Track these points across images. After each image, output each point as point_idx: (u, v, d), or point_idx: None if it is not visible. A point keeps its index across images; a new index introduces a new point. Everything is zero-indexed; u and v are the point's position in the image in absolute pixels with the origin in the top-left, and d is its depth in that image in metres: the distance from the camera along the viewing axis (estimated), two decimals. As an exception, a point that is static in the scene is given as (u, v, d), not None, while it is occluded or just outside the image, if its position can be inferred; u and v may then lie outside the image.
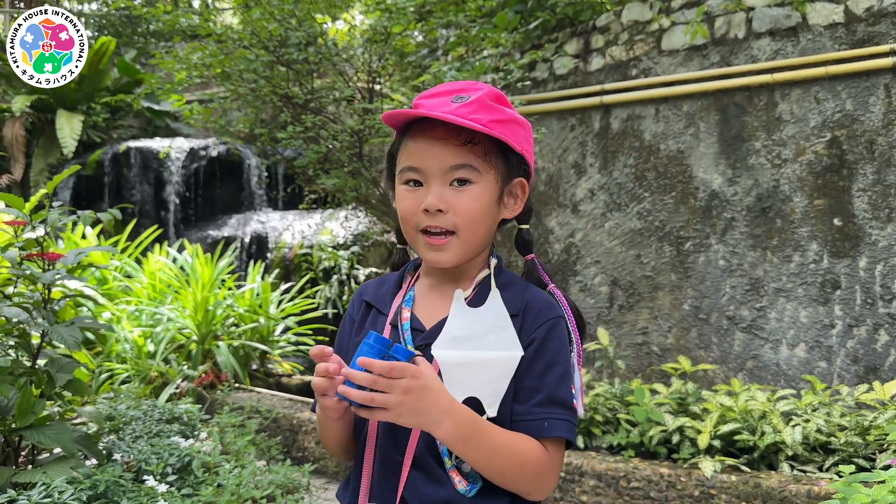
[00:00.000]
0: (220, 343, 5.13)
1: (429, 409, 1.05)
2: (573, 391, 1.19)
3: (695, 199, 4.58)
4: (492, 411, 1.13)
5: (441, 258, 1.20)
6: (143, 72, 9.82)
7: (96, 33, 12.12)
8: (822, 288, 4.11)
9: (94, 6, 13.34)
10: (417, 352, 1.11)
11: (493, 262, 1.26)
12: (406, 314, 1.25)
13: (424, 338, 1.21)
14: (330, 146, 4.34)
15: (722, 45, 4.55)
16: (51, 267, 2.32)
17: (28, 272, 2.22)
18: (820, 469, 2.89)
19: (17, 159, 8.99)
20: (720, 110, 4.52)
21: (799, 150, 4.24)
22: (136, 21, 11.47)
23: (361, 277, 7.60)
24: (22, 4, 15.11)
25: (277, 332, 5.91)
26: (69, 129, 8.69)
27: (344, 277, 7.62)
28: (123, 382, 4.81)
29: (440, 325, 1.21)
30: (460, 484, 1.14)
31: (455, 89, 1.21)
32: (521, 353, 1.15)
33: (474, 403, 1.13)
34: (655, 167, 4.76)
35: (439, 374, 1.14)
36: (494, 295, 1.21)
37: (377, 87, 4.89)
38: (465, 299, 1.21)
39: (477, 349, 1.15)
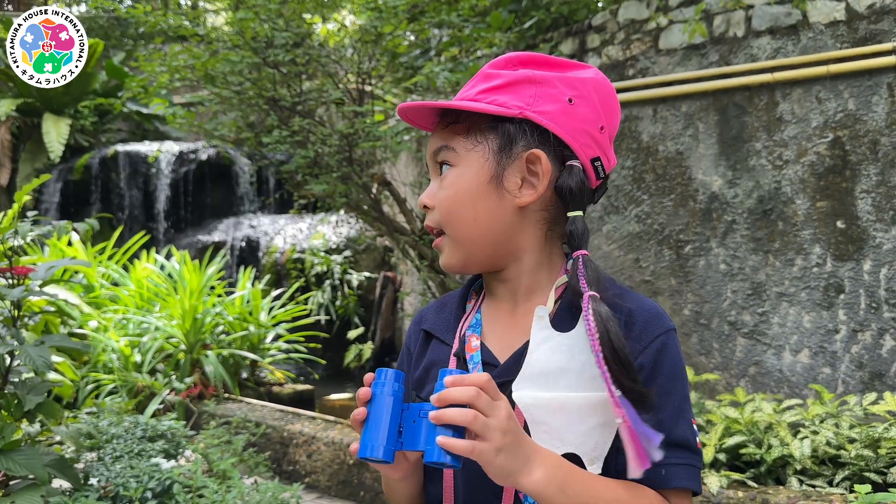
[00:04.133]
0: (209, 352, 5.01)
1: (524, 445, 0.83)
2: (694, 426, 0.93)
3: (694, 202, 4.47)
4: (595, 468, 0.90)
5: (444, 261, 1.02)
6: (131, 74, 9.68)
7: (84, 36, 11.96)
8: (826, 292, 4.01)
9: (82, 8, 13.20)
10: None
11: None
12: (474, 343, 1.00)
13: (499, 374, 0.95)
14: (319, 150, 4.22)
15: (721, 44, 4.44)
16: (21, 282, 2.19)
17: (-5, 288, 2.10)
18: (830, 483, 2.78)
19: (3, 164, 8.85)
20: (720, 111, 4.42)
21: (801, 150, 4.14)
22: (125, 23, 11.34)
23: (354, 283, 7.48)
24: (10, 7, 14.96)
25: (268, 339, 5.78)
26: (56, 133, 8.56)
27: (337, 282, 7.50)
28: (110, 394, 4.68)
29: (518, 356, 0.95)
30: None
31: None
32: None
33: (572, 460, 0.90)
34: (654, 169, 4.65)
35: (524, 425, 0.90)
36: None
37: (368, 88, 4.77)
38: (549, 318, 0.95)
39: (571, 389, 0.91)
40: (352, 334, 7.09)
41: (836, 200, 4.02)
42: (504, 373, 0.95)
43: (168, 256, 6.28)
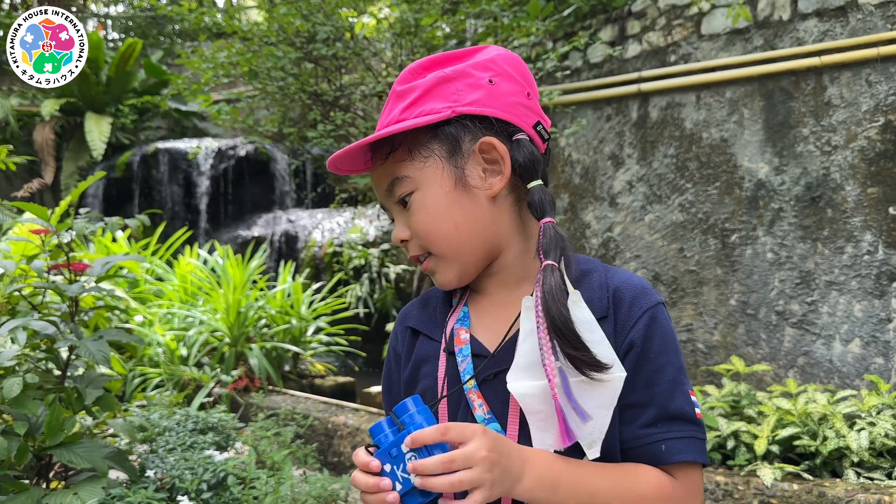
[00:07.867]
0: (253, 345, 5.06)
1: (511, 465, 0.85)
2: (692, 397, 0.94)
3: (740, 190, 4.39)
4: (593, 452, 0.91)
5: (440, 280, 1.03)
6: (169, 72, 9.80)
7: (123, 35, 12.16)
8: (878, 280, 3.91)
9: (120, 8, 13.40)
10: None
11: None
12: (464, 336, 1.00)
13: (492, 365, 0.96)
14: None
15: (765, 28, 4.35)
16: (78, 278, 2.23)
17: (54, 284, 2.13)
18: (888, 476, 2.72)
19: (47, 163, 9.03)
20: (765, 96, 4.32)
21: (850, 135, 4.03)
22: (162, 22, 11.48)
23: (392, 275, 7.50)
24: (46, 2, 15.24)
25: (309, 332, 5.83)
26: (98, 131, 8.71)
27: (375, 275, 7.52)
28: (156, 387, 4.76)
29: (509, 346, 0.95)
30: None
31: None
32: (624, 373, 0.90)
33: (572, 445, 0.92)
34: (697, 157, 4.58)
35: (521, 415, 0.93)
36: (575, 298, 0.91)
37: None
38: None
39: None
40: (389, 327, 7.11)
41: (887, 186, 3.91)
42: (496, 363, 0.96)
43: (211, 251, 6.35)
